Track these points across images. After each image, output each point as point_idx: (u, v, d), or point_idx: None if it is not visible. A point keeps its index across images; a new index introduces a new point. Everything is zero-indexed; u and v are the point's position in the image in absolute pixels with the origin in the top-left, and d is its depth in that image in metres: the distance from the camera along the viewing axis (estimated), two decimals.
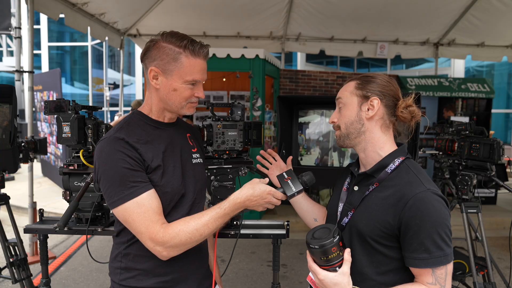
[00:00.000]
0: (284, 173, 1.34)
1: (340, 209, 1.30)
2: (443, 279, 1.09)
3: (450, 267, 1.10)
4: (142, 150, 1.25)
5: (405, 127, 1.28)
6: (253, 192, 1.27)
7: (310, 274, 1.21)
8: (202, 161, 1.50)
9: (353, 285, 1.14)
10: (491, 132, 6.81)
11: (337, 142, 1.30)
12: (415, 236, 1.08)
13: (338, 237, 1.11)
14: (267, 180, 1.34)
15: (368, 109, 1.22)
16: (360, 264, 1.19)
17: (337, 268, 1.11)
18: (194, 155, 1.45)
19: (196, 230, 1.22)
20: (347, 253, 1.13)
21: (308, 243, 1.12)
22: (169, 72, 1.26)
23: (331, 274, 1.11)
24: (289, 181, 1.32)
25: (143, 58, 1.32)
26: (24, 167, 3.53)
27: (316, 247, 1.09)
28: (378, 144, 1.23)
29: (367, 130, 1.23)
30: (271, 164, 1.68)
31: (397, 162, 1.20)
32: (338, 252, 1.11)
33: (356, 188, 1.27)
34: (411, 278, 1.16)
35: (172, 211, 1.31)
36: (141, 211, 1.19)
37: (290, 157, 1.65)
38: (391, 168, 1.20)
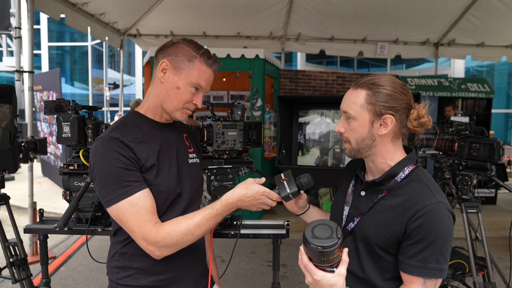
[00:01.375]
0: (281, 174, 1.32)
1: (346, 212, 1.28)
2: None
3: (439, 282, 1.11)
4: (137, 149, 1.26)
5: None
6: (245, 192, 1.27)
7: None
8: (198, 161, 1.50)
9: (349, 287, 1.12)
10: (491, 132, 6.79)
11: (347, 154, 1.27)
12: (416, 244, 1.08)
13: (341, 237, 1.05)
14: (262, 180, 1.33)
15: (380, 125, 1.18)
16: (366, 270, 1.19)
17: (334, 269, 1.05)
18: (190, 155, 1.45)
19: (188, 230, 1.22)
20: (345, 254, 1.09)
21: (308, 242, 1.02)
22: (179, 69, 1.30)
23: (329, 275, 1.04)
24: (285, 182, 1.29)
25: (157, 52, 1.35)
26: (24, 167, 3.53)
27: (319, 248, 1.00)
28: (388, 156, 1.21)
29: (378, 144, 1.20)
30: None
31: (407, 171, 1.18)
32: (339, 253, 1.05)
33: (363, 193, 1.25)
34: None
35: (167, 210, 1.32)
36: (135, 211, 1.20)
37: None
38: (401, 177, 1.18)
